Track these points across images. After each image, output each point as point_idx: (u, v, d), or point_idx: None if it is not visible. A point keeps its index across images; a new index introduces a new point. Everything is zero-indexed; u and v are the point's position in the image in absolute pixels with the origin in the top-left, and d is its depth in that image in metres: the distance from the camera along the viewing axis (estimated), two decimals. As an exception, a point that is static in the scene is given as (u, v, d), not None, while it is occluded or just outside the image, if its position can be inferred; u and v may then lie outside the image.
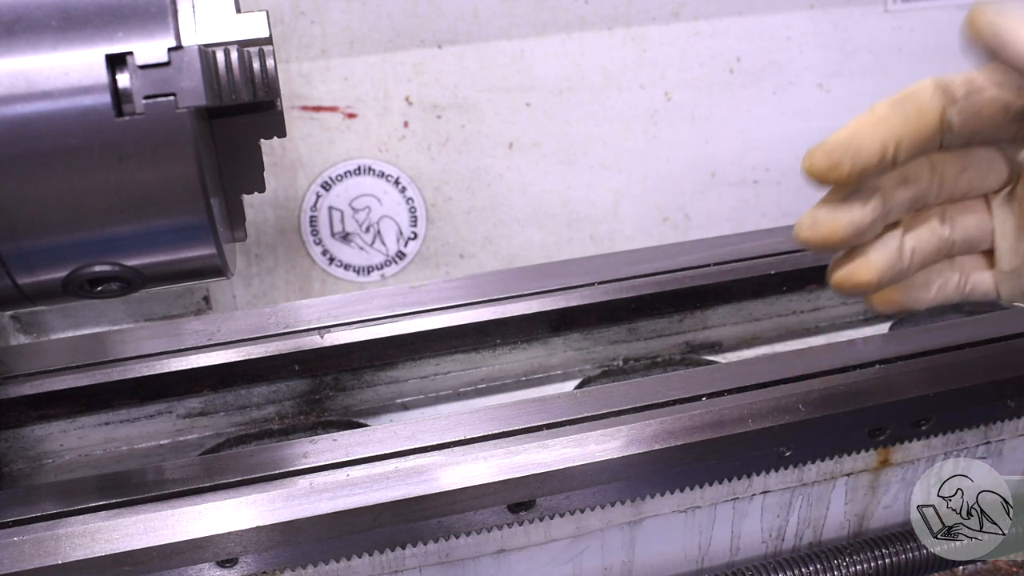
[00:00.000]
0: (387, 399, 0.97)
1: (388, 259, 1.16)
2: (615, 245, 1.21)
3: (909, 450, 0.93)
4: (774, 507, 0.93)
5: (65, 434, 0.89)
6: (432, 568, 0.84)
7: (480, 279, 0.99)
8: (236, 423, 0.93)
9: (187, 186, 0.58)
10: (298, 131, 1.09)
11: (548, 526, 0.84)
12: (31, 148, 0.55)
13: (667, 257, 1.02)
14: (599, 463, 0.76)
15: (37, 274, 0.60)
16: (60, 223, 0.57)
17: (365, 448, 0.77)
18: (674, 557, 0.93)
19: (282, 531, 0.72)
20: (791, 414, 0.81)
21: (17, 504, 0.72)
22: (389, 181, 1.14)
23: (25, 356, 0.90)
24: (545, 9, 1.14)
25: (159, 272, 0.63)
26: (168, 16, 0.55)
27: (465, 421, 0.80)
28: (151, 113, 0.55)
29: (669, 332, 1.02)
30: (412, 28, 1.10)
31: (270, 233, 1.13)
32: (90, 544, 0.69)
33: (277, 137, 0.68)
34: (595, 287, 0.98)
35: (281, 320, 0.93)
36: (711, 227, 1.24)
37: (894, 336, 1.02)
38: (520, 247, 1.19)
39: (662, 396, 0.82)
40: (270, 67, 0.61)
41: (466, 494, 0.74)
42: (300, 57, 1.06)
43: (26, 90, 0.54)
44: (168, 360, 0.89)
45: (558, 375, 1.01)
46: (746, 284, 1.02)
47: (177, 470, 0.76)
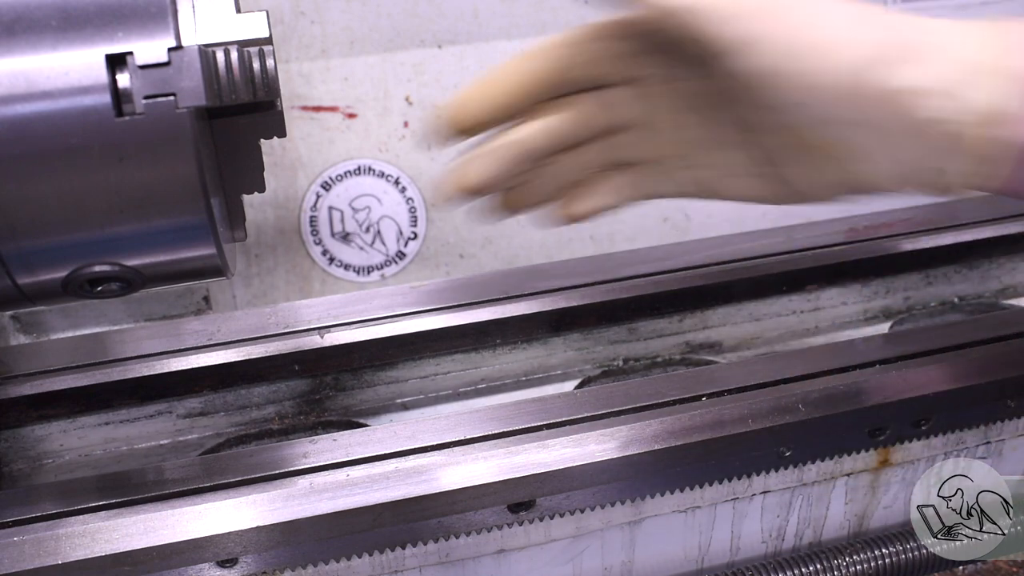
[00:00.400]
0: (387, 399, 0.97)
1: (388, 259, 1.16)
2: (615, 245, 1.21)
3: (909, 450, 0.93)
4: (774, 507, 0.93)
5: (65, 434, 0.89)
6: (432, 568, 0.84)
7: (480, 279, 0.99)
8: (236, 423, 0.93)
9: (187, 186, 0.58)
10: (298, 131, 1.09)
11: (548, 526, 0.84)
12: (31, 148, 0.55)
13: (667, 257, 1.02)
14: (599, 463, 0.76)
15: (37, 274, 0.60)
16: (60, 223, 0.57)
17: (365, 448, 0.77)
18: (674, 557, 0.93)
19: (282, 531, 0.72)
20: (791, 414, 0.81)
21: (17, 504, 0.72)
22: (389, 181, 1.14)
23: (25, 356, 0.90)
24: (545, 9, 1.14)
25: (159, 272, 0.63)
26: (168, 16, 0.55)
27: (465, 421, 0.80)
28: (151, 113, 0.55)
29: (669, 332, 1.02)
30: (412, 28, 1.10)
31: (270, 233, 1.13)
32: (90, 544, 0.69)
33: (277, 137, 0.68)
34: (595, 287, 0.98)
35: (281, 320, 0.93)
36: (711, 227, 1.24)
37: (894, 336, 1.02)
38: (520, 247, 1.19)
39: (662, 396, 0.82)
40: (270, 67, 0.61)
41: (466, 494, 0.74)
42: (300, 57, 1.06)
43: (26, 90, 0.54)
44: (168, 360, 0.89)
45: (558, 375, 1.01)
46: (746, 284, 1.02)
47: (177, 470, 0.76)
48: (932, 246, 1.07)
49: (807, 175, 0.68)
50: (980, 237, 1.08)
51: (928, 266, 1.08)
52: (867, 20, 0.62)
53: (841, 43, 0.61)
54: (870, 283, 1.07)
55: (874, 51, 0.60)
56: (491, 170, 0.70)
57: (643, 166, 0.73)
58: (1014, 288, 1.12)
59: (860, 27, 0.62)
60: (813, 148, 0.66)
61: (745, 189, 0.73)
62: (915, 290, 1.09)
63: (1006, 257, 1.11)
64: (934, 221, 1.09)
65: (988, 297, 1.11)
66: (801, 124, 0.63)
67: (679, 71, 0.67)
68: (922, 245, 1.06)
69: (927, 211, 1.11)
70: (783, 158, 0.68)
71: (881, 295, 1.08)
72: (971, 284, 1.10)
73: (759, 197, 0.73)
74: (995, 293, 1.12)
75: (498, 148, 0.70)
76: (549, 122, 0.70)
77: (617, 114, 0.70)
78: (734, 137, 0.70)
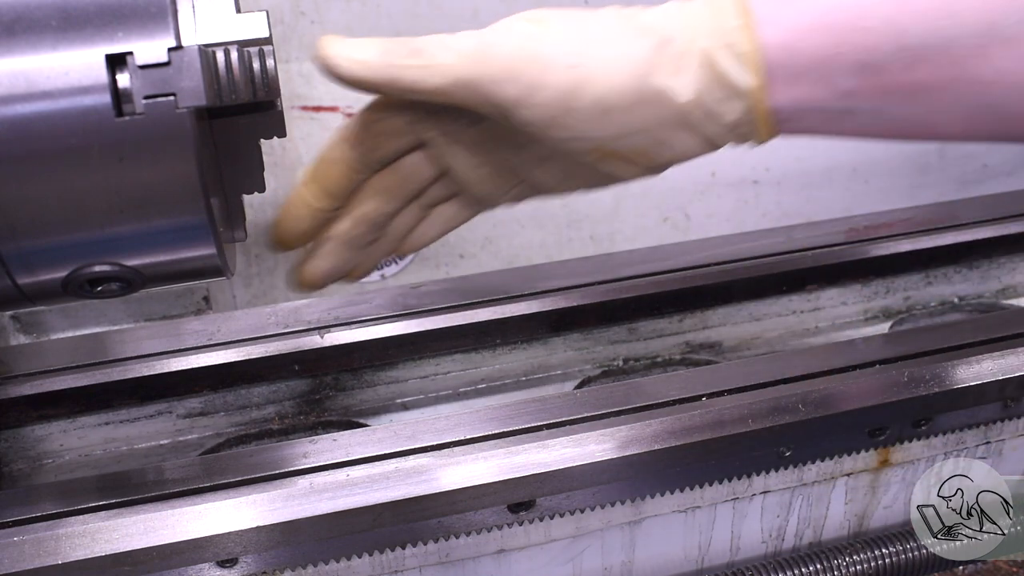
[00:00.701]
0: (387, 399, 0.97)
1: (388, 259, 1.16)
2: (615, 245, 1.21)
3: (909, 450, 0.93)
4: (774, 507, 0.93)
5: (65, 434, 0.89)
6: (432, 568, 0.84)
7: (480, 279, 1.00)
8: (236, 423, 0.93)
9: (187, 186, 0.58)
10: (298, 131, 1.09)
11: (548, 526, 0.84)
12: (31, 148, 0.55)
13: (667, 257, 1.02)
14: (599, 463, 0.76)
15: (37, 274, 0.60)
16: (60, 223, 0.57)
17: (365, 448, 0.77)
18: (674, 557, 0.93)
19: (282, 531, 0.72)
20: (791, 414, 0.80)
21: (17, 504, 0.72)
22: (389, 181, 1.14)
23: (25, 356, 0.90)
24: (545, 9, 1.14)
25: (159, 272, 0.63)
26: (168, 16, 0.55)
27: (465, 421, 0.80)
28: (151, 113, 0.55)
29: (669, 332, 1.02)
30: (412, 28, 1.10)
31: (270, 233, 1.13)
32: (90, 544, 0.69)
33: (277, 137, 0.68)
34: (595, 287, 0.98)
35: (281, 320, 0.93)
36: (711, 227, 1.24)
37: (894, 336, 1.02)
38: (520, 247, 1.19)
39: (662, 396, 0.82)
40: (270, 67, 0.61)
41: (466, 494, 0.74)
42: (300, 57, 1.06)
43: (26, 90, 0.54)
44: (168, 360, 0.89)
45: (558, 375, 1.01)
46: (746, 284, 1.02)
47: (177, 470, 0.76)
48: (932, 246, 1.07)
49: (618, 172, 0.72)
50: (980, 237, 1.08)
51: (928, 266, 1.08)
52: (623, 33, 0.66)
53: (610, 71, 0.64)
54: (870, 283, 1.07)
55: (640, 67, 0.64)
56: (331, 263, 0.77)
57: (459, 197, 0.79)
58: (1014, 288, 1.12)
59: (622, 44, 0.65)
60: (615, 158, 0.69)
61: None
62: (915, 290, 1.09)
63: (1006, 257, 1.11)
64: (934, 221, 1.09)
65: (988, 297, 1.11)
66: (592, 148, 0.68)
67: (456, 125, 0.73)
68: (922, 245, 1.06)
69: (927, 211, 1.11)
70: (587, 169, 0.73)
71: (881, 295, 1.08)
72: (971, 284, 1.10)
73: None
74: (995, 293, 1.12)
75: (329, 245, 0.76)
76: (363, 209, 0.76)
77: (420, 174, 0.76)
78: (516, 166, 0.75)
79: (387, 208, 0.77)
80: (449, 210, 0.79)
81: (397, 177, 0.75)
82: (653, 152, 0.68)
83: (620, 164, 0.70)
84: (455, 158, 0.74)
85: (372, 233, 0.77)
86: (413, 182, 0.76)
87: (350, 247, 0.77)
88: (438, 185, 0.77)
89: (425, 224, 0.80)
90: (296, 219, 0.75)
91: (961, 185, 1.30)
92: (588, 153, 0.69)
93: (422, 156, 0.75)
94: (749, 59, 0.63)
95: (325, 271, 0.77)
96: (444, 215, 0.80)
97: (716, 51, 0.64)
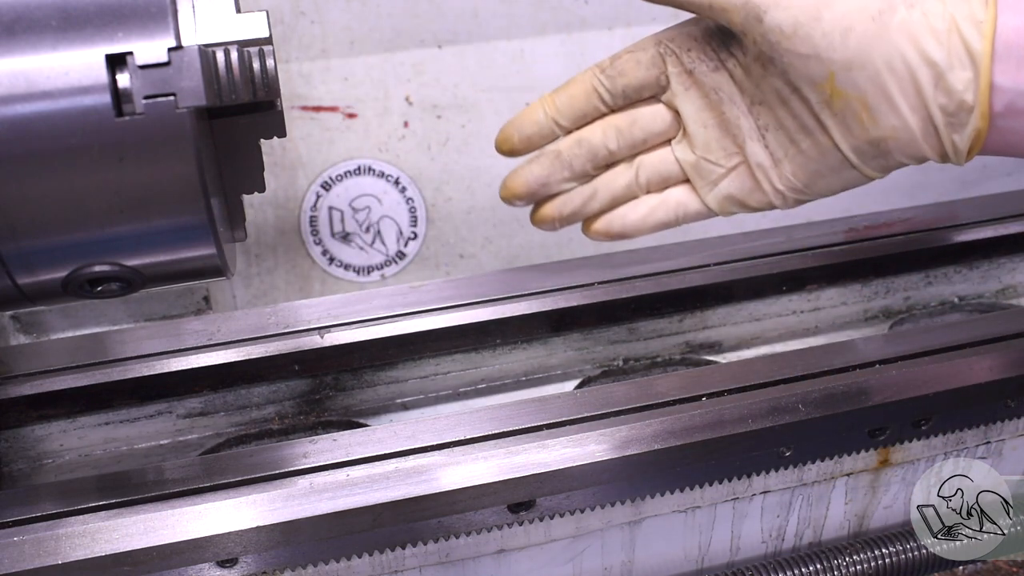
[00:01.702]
0: (387, 399, 0.97)
1: (388, 259, 1.16)
2: (615, 245, 1.21)
3: (909, 450, 0.93)
4: (774, 507, 0.93)
5: (65, 434, 0.89)
6: (432, 568, 0.84)
7: (480, 279, 0.99)
8: (236, 423, 0.93)
9: (187, 186, 0.58)
10: (298, 131, 1.09)
11: (548, 526, 0.84)
12: (31, 148, 0.55)
13: (667, 257, 1.02)
14: (599, 463, 0.76)
15: (37, 274, 0.60)
16: (60, 223, 0.57)
17: (365, 448, 0.77)
18: (674, 557, 0.93)
19: (282, 531, 0.72)
20: (791, 414, 0.81)
21: (17, 504, 0.72)
22: (389, 181, 1.14)
23: (25, 356, 0.90)
24: (545, 9, 1.14)
25: (159, 272, 0.63)
26: (168, 16, 0.55)
27: (465, 421, 0.80)
28: (151, 113, 0.55)
29: (669, 332, 1.02)
30: (412, 28, 1.10)
31: (270, 233, 1.13)
32: (90, 544, 0.69)
33: (277, 137, 0.68)
34: (595, 287, 0.98)
35: (281, 320, 0.93)
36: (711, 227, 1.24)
37: (894, 336, 1.02)
38: (520, 247, 1.19)
39: (662, 396, 0.82)
40: (270, 67, 0.61)
41: (466, 494, 0.74)
42: (300, 57, 1.06)
43: (26, 90, 0.54)
44: (168, 360, 0.89)
45: (558, 375, 1.01)
46: (746, 284, 1.02)
47: (177, 470, 0.76)
48: (932, 246, 1.07)
49: (839, 136, 0.75)
50: (980, 237, 1.08)
51: (928, 266, 1.08)
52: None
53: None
54: (870, 283, 1.07)
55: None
56: (541, 171, 0.83)
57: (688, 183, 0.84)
58: (1014, 288, 1.12)
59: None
60: (840, 103, 0.72)
61: (778, 179, 0.81)
62: (915, 290, 1.09)
63: (1006, 257, 1.11)
64: (934, 221, 1.09)
65: (988, 297, 1.11)
66: (824, 77, 0.71)
67: (699, 64, 0.79)
68: (922, 245, 1.06)
69: (927, 211, 1.11)
70: (813, 124, 0.76)
71: (881, 295, 1.08)
72: (971, 284, 1.10)
73: (791, 188, 0.81)
74: (995, 293, 1.12)
75: (546, 157, 0.82)
76: (589, 132, 0.82)
77: (651, 123, 0.82)
78: (768, 117, 0.79)
79: (611, 144, 0.82)
80: (655, 199, 0.85)
81: (629, 118, 0.82)
82: (875, 106, 0.71)
83: (840, 121, 0.73)
84: (688, 103, 0.80)
85: (589, 161, 0.82)
86: (642, 128, 0.82)
87: (564, 165, 0.82)
88: (663, 150, 0.83)
89: (632, 205, 0.85)
90: (525, 123, 0.81)
91: (961, 185, 1.30)
92: (821, 86, 0.72)
93: (659, 108, 0.82)
94: (985, 28, 0.68)
95: (535, 176, 0.82)
96: (649, 203, 0.85)
97: (956, 7, 0.68)
